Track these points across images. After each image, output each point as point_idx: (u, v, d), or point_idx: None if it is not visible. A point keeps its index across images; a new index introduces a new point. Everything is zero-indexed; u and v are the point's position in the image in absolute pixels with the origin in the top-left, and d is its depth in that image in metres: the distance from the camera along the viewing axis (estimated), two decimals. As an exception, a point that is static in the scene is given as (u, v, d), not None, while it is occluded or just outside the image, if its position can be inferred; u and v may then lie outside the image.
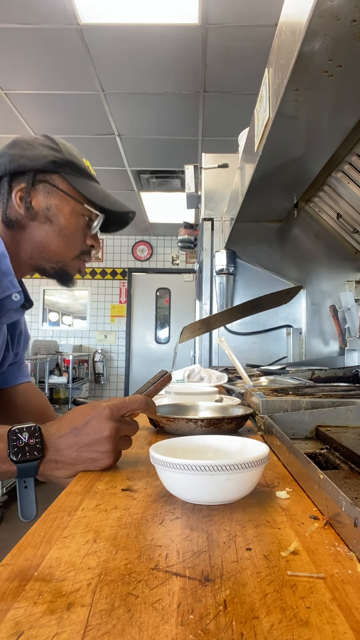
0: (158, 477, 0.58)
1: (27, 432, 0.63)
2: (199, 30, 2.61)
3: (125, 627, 0.31)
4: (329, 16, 0.66)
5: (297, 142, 1.10)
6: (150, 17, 2.53)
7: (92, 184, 0.99)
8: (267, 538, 0.44)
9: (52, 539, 0.45)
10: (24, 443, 0.62)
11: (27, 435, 0.63)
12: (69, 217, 0.94)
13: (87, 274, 6.81)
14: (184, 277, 6.88)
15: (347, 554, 0.41)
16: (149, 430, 0.99)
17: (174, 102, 3.33)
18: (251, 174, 1.34)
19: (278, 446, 0.75)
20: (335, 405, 0.95)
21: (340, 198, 1.36)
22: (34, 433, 0.63)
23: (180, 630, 0.30)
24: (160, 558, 0.41)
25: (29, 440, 0.63)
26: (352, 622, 0.31)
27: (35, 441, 0.63)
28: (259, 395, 1.06)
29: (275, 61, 0.92)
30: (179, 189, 4.77)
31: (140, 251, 6.92)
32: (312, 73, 0.80)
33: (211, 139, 3.84)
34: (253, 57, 2.80)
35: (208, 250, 2.65)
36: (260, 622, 0.31)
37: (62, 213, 0.93)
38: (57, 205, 0.93)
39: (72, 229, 0.95)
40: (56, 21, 2.57)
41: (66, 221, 0.94)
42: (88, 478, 0.65)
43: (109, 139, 3.86)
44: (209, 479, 0.51)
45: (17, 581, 0.37)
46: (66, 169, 0.94)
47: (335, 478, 0.61)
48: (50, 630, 0.31)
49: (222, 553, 0.41)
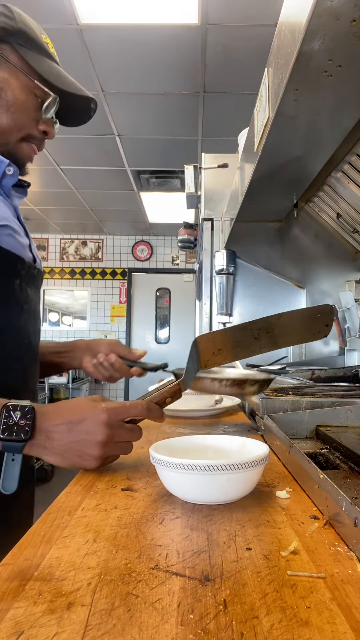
0: (158, 477, 0.58)
1: (20, 412, 0.61)
2: (199, 30, 2.61)
3: (125, 627, 0.31)
4: (329, 16, 0.66)
5: (297, 142, 1.10)
6: (150, 17, 2.53)
7: (47, 60, 0.89)
8: (267, 538, 0.44)
9: (52, 539, 0.45)
10: (13, 422, 0.61)
11: (18, 415, 0.61)
12: (17, 93, 0.85)
13: (87, 274, 6.85)
14: (184, 277, 6.88)
15: (347, 553, 0.41)
16: (149, 429, 0.99)
17: (174, 102, 3.33)
18: (251, 174, 1.34)
19: (278, 446, 0.75)
20: (335, 405, 0.95)
21: (340, 198, 1.36)
22: (26, 414, 0.61)
23: (180, 630, 0.30)
24: (160, 558, 0.41)
25: (19, 420, 0.61)
26: (352, 621, 0.31)
27: (25, 422, 0.61)
28: (259, 395, 1.06)
29: (275, 61, 0.92)
30: (179, 189, 4.77)
31: (140, 251, 6.92)
32: (312, 73, 0.80)
33: (211, 139, 3.84)
34: (253, 57, 2.79)
35: (208, 250, 2.65)
36: (260, 621, 0.31)
37: (10, 88, 0.84)
38: (5, 78, 0.84)
39: (21, 106, 0.86)
40: (56, 21, 2.57)
41: (14, 97, 0.84)
42: (88, 478, 0.65)
43: (108, 139, 3.86)
44: (209, 479, 0.51)
45: (17, 581, 0.37)
46: (19, 40, 0.85)
47: (335, 478, 0.61)
48: (50, 630, 0.31)
49: (222, 553, 0.41)
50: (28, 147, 0.90)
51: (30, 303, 0.89)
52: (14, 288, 0.84)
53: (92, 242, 6.93)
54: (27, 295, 0.88)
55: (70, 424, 0.63)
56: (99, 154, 4.12)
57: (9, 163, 0.85)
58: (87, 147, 3.97)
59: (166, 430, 1.01)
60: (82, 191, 5.07)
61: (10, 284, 0.83)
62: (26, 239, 0.91)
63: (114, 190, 5.03)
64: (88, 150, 4.03)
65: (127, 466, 0.71)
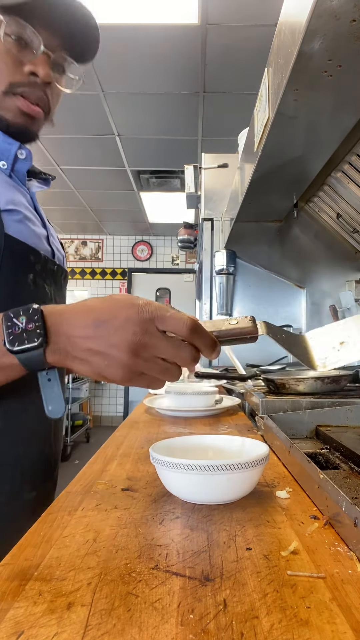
0: (158, 477, 0.58)
1: (25, 316, 0.51)
2: (199, 30, 2.61)
3: (125, 627, 0.31)
4: (329, 16, 0.66)
5: (297, 142, 1.10)
6: (150, 17, 2.53)
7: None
8: (267, 538, 0.44)
9: (52, 539, 0.45)
10: (20, 329, 0.51)
11: (24, 320, 0.51)
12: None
13: (87, 274, 6.85)
14: (184, 277, 6.88)
15: (347, 553, 0.41)
16: (149, 429, 0.99)
17: (174, 102, 3.33)
18: (251, 174, 1.34)
19: (278, 446, 0.75)
20: (335, 405, 0.95)
21: (340, 198, 1.36)
22: (32, 316, 0.51)
23: (180, 629, 0.30)
24: (160, 558, 0.41)
25: (27, 325, 0.51)
26: (352, 621, 0.31)
27: (34, 325, 0.51)
28: (259, 395, 1.06)
29: (275, 61, 0.92)
30: (179, 189, 4.77)
31: (140, 251, 6.92)
32: (312, 73, 0.80)
33: (211, 139, 3.84)
34: (253, 57, 2.79)
35: (208, 250, 2.65)
36: (260, 621, 0.31)
37: None
38: None
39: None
40: (56, 21, 2.57)
41: None
42: (88, 478, 0.65)
43: (108, 139, 3.86)
44: (209, 479, 0.51)
45: (17, 581, 0.37)
46: None
47: (335, 478, 0.61)
48: (50, 630, 0.31)
49: (222, 553, 0.41)
50: (15, 100, 0.71)
51: (48, 301, 0.76)
52: (26, 283, 0.71)
53: (92, 242, 6.93)
54: (45, 294, 0.76)
55: (97, 321, 0.51)
56: (99, 154, 4.12)
57: (20, 145, 0.74)
58: (87, 147, 3.97)
59: (166, 430, 1.01)
60: (82, 191, 5.07)
61: (22, 278, 0.71)
62: (43, 230, 0.80)
63: (114, 190, 5.03)
64: (88, 150, 4.03)
65: (127, 466, 0.71)
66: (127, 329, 0.50)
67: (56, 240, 0.86)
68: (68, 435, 4.95)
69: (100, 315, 0.51)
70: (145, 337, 0.50)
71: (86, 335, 0.51)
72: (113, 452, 0.80)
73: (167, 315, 0.51)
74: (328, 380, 1.09)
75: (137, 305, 0.51)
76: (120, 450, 0.82)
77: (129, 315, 0.50)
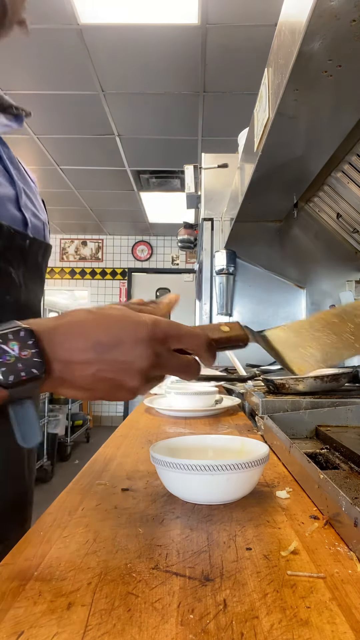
0: (158, 477, 0.58)
1: (17, 342, 0.40)
2: (199, 30, 2.61)
3: (125, 627, 0.31)
4: (329, 16, 0.66)
5: (297, 142, 1.10)
6: (149, 17, 2.53)
7: None
8: (267, 538, 0.44)
9: (52, 539, 0.45)
10: (14, 358, 0.40)
11: (16, 346, 0.40)
12: None
13: (87, 274, 6.85)
14: (184, 277, 6.88)
15: (347, 553, 0.41)
16: (149, 429, 0.99)
17: (174, 102, 3.33)
18: (251, 174, 1.34)
19: (278, 446, 0.75)
20: (335, 405, 0.95)
21: (340, 198, 1.36)
22: (25, 340, 0.41)
23: (180, 629, 0.30)
24: (160, 558, 0.41)
25: (20, 352, 0.40)
26: (352, 621, 0.31)
27: (30, 353, 0.41)
28: (259, 395, 1.06)
29: (275, 61, 0.92)
30: (179, 189, 4.77)
31: (140, 251, 6.92)
32: (312, 73, 0.80)
33: (211, 139, 3.84)
34: (253, 57, 2.79)
35: (208, 250, 2.65)
36: (260, 621, 0.31)
37: None
38: None
39: None
40: (56, 21, 2.56)
41: None
42: (88, 478, 0.65)
43: (108, 139, 3.86)
44: (209, 479, 0.51)
45: (17, 581, 0.37)
46: None
47: (335, 478, 0.61)
48: (50, 630, 0.31)
49: (222, 553, 0.41)
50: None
51: (15, 291, 0.61)
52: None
53: (92, 242, 6.93)
54: (10, 283, 0.60)
55: (99, 346, 0.43)
56: (99, 154, 4.12)
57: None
58: (87, 147, 3.97)
59: (166, 430, 1.01)
60: (82, 191, 5.07)
61: None
62: (9, 188, 0.61)
63: (114, 190, 5.03)
64: (88, 150, 4.03)
65: (127, 466, 0.71)
66: (138, 352, 0.44)
67: (35, 200, 0.69)
68: (68, 435, 4.95)
69: (102, 337, 0.44)
70: (158, 359, 0.45)
71: (87, 361, 0.43)
72: (113, 452, 0.80)
73: (183, 333, 0.47)
74: (327, 378, 1.10)
75: (145, 325, 0.45)
76: (120, 450, 0.82)
77: (139, 337, 0.44)
